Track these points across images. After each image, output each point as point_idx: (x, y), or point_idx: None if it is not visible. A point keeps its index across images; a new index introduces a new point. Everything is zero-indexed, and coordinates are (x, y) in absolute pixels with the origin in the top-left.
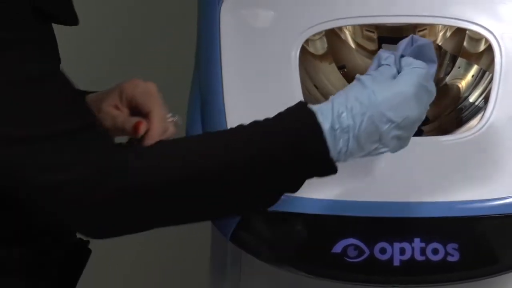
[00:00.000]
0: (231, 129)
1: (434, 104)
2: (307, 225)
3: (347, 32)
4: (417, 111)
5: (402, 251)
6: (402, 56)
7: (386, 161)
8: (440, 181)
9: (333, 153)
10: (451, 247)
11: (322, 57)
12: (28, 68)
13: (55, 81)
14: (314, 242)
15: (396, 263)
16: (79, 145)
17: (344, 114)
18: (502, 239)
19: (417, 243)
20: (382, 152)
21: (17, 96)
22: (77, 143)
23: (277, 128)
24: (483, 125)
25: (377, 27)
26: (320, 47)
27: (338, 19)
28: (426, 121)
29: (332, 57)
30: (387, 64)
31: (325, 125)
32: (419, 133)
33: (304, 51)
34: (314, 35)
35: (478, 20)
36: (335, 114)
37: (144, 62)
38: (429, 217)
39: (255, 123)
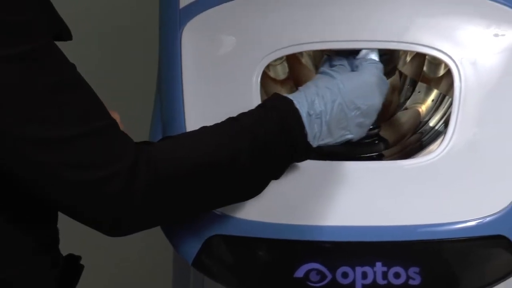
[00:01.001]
0: (225, 122)
1: (394, 128)
2: (269, 250)
3: (307, 57)
4: (379, 100)
5: (364, 275)
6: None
7: (347, 185)
8: (402, 205)
9: (310, 137)
10: (412, 271)
11: (283, 82)
12: (60, 72)
13: (82, 84)
14: (276, 267)
15: (358, 287)
16: (110, 142)
17: (317, 101)
18: (463, 262)
19: (379, 267)
20: (347, 139)
21: (53, 99)
22: (108, 140)
23: (266, 116)
24: (444, 149)
25: (337, 52)
26: (281, 72)
27: (298, 44)
28: (386, 146)
29: (293, 82)
30: (341, 64)
31: (303, 111)
32: (380, 157)
33: (265, 76)
34: (275, 60)
35: (437, 45)
36: (308, 101)
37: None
38: (390, 241)
39: (243, 115)
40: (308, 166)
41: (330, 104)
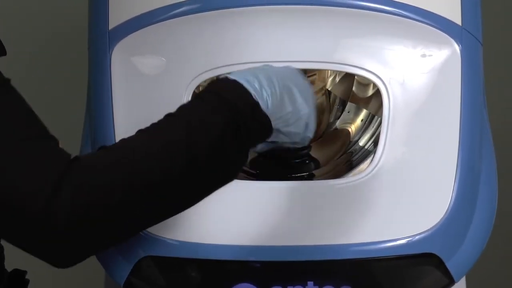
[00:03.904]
0: (166, 121)
1: (324, 148)
2: (201, 270)
3: None
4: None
5: None
6: None
7: (278, 205)
8: (332, 224)
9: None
10: None
11: None
12: None
13: (13, 91)
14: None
15: None
16: (43, 151)
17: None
18: (394, 280)
19: (311, 286)
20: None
21: None
22: (41, 149)
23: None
24: (373, 169)
25: None
26: None
27: (228, 65)
28: (317, 165)
29: None
30: None
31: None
32: (310, 177)
33: None
34: (205, 81)
35: (366, 65)
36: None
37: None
38: (321, 260)
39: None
40: (238, 186)
41: (272, 84)
